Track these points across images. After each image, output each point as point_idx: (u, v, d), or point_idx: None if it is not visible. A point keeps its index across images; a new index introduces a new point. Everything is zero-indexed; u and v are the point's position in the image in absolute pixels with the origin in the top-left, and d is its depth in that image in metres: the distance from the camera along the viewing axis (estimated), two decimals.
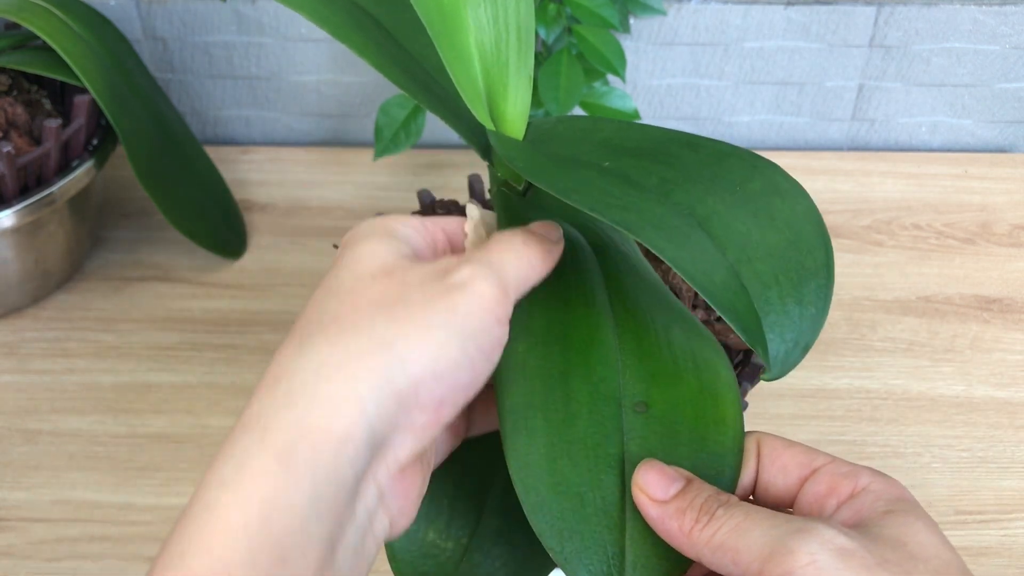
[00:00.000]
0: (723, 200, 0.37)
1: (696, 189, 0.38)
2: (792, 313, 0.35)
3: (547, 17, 0.72)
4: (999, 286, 0.76)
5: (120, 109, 0.70)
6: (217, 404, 0.68)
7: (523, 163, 0.38)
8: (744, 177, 0.38)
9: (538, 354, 0.37)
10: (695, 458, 0.36)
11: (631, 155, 0.39)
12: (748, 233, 0.36)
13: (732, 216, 0.37)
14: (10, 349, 0.72)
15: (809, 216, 0.37)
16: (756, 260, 0.36)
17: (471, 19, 0.40)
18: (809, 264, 0.36)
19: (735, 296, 0.34)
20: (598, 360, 0.37)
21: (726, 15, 0.82)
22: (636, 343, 0.38)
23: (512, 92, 0.41)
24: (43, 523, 0.62)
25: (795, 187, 0.38)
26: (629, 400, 0.37)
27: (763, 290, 0.35)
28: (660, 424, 0.36)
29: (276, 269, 0.77)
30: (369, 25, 0.43)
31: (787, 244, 0.36)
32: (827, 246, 0.37)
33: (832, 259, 0.37)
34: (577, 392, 0.36)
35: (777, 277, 0.36)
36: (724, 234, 0.36)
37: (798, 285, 0.36)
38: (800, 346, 0.35)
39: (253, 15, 0.83)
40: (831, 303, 0.36)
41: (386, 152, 0.76)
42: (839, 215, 0.82)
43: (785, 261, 0.36)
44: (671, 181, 0.38)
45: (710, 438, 0.36)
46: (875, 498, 0.34)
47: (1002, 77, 0.86)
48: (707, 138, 0.40)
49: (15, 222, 0.67)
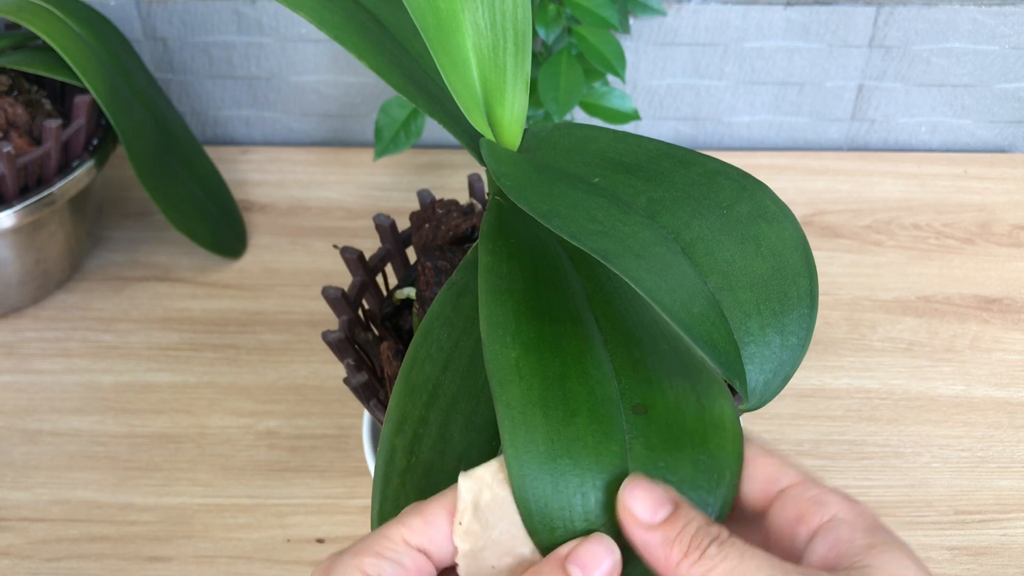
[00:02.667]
0: (709, 224, 0.37)
1: (683, 212, 0.37)
2: (773, 343, 0.34)
3: (547, 17, 0.72)
4: (999, 286, 0.76)
5: (120, 109, 0.70)
6: (217, 404, 0.68)
7: (511, 182, 0.37)
8: (732, 199, 0.38)
9: (532, 359, 0.36)
10: (697, 461, 0.35)
11: (624, 171, 0.39)
12: (732, 260, 0.36)
13: (717, 242, 0.36)
14: (10, 349, 0.72)
15: (795, 243, 0.37)
16: (739, 288, 0.35)
17: (469, 24, 0.40)
18: (793, 293, 0.36)
19: (713, 327, 0.34)
20: (593, 365, 0.37)
21: (726, 15, 0.82)
22: (627, 356, 0.38)
23: (509, 98, 0.41)
24: (43, 523, 0.62)
25: (783, 211, 0.38)
26: (628, 403, 0.36)
27: (744, 320, 0.34)
28: (660, 425, 0.36)
29: (276, 269, 0.77)
30: (370, 25, 0.43)
31: (772, 272, 0.36)
32: (812, 274, 0.36)
33: (816, 288, 0.36)
34: (575, 392, 0.36)
35: (759, 306, 0.35)
36: (707, 261, 0.36)
37: (780, 314, 0.35)
38: (780, 376, 0.34)
39: (253, 15, 0.83)
40: (833, 304, 0.35)
41: (386, 152, 0.76)
42: (839, 215, 0.82)
43: (768, 290, 0.35)
44: (659, 202, 0.37)
45: (711, 440, 0.36)
46: (851, 529, 0.33)
47: (1002, 77, 0.86)
48: (700, 154, 0.40)
49: (15, 222, 0.68)
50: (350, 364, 0.52)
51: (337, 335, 0.52)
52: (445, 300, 0.42)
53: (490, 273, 0.39)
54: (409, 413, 0.39)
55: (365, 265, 0.57)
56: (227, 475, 0.64)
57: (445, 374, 0.41)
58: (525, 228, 0.40)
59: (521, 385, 0.35)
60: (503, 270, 0.39)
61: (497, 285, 0.38)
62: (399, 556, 0.32)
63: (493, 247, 0.40)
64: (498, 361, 0.36)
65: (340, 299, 0.54)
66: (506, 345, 0.36)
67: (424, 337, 0.42)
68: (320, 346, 0.69)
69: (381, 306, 0.56)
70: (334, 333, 0.52)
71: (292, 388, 0.69)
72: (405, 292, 0.56)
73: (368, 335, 0.54)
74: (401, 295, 0.56)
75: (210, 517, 0.62)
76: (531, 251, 0.41)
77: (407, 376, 0.41)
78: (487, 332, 0.37)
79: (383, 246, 0.58)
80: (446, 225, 0.55)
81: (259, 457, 0.65)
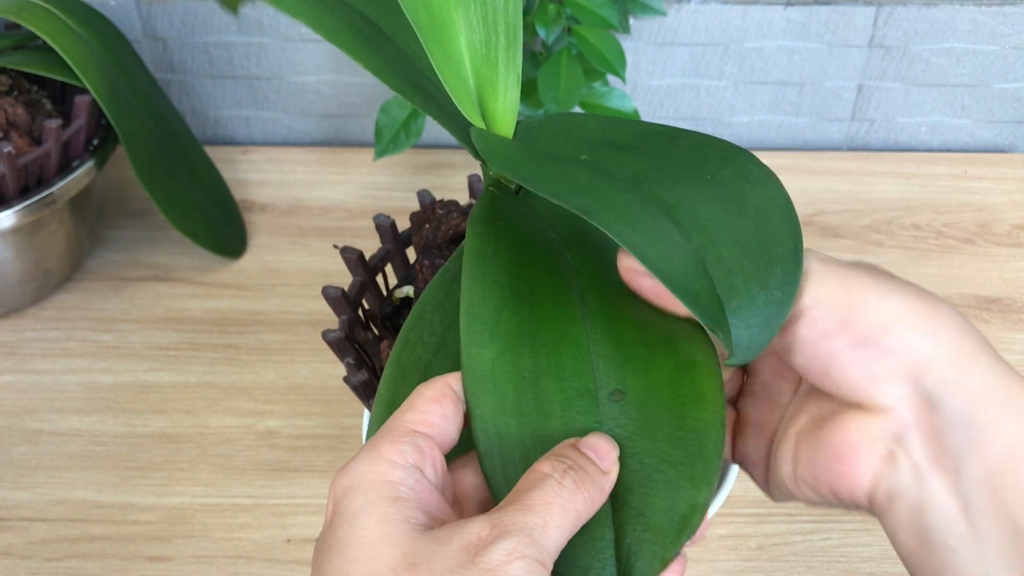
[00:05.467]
0: (692, 188, 0.37)
1: (666, 179, 0.38)
2: (757, 298, 0.35)
3: (547, 17, 0.72)
4: (999, 286, 0.76)
5: (120, 109, 0.70)
6: (217, 404, 0.68)
7: (497, 156, 0.38)
8: (716, 166, 0.38)
9: (507, 360, 0.37)
10: (675, 438, 0.36)
11: (613, 149, 0.40)
12: (715, 219, 0.36)
13: (700, 203, 0.37)
14: (10, 349, 0.72)
15: (779, 202, 0.37)
16: (721, 246, 0.35)
17: (461, 20, 0.40)
18: (777, 250, 0.36)
19: (696, 281, 0.34)
20: (569, 355, 0.37)
21: (726, 15, 0.82)
22: (608, 330, 0.38)
23: (501, 91, 0.41)
24: (43, 523, 0.62)
25: (766, 174, 0.38)
26: (605, 391, 0.37)
27: (727, 275, 0.35)
28: (637, 409, 0.36)
29: (276, 269, 0.78)
30: (365, 28, 0.43)
31: (755, 230, 0.36)
32: (796, 232, 0.36)
33: (801, 245, 0.36)
34: (549, 392, 0.37)
35: (742, 262, 0.35)
36: (690, 221, 0.36)
37: (763, 270, 0.35)
38: (765, 331, 0.34)
39: (253, 15, 0.83)
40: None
41: (386, 152, 0.76)
42: (839, 215, 0.82)
43: (751, 247, 0.36)
44: (644, 172, 0.38)
45: (690, 415, 0.36)
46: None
47: (1001, 77, 0.86)
48: (690, 131, 0.40)
49: (15, 222, 0.68)
50: (350, 363, 0.52)
51: (337, 334, 0.52)
52: (438, 286, 0.43)
53: (476, 256, 0.39)
54: (399, 393, 0.40)
55: (365, 265, 0.57)
56: (227, 475, 0.64)
57: (436, 356, 0.41)
58: (517, 212, 0.41)
59: (496, 395, 0.36)
60: (489, 252, 0.39)
61: (482, 269, 0.39)
62: (412, 438, 0.34)
63: (482, 229, 0.40)
64: (474, 367, 0.36)
65: (340, 299, 0.54)
66: (483, 346, 0.37)
67: (417, 321, 0.42)
68: (320, 346, 0.69)
69: (381, 306, 0.57)
70: (334, 332, 0.52)
71: (292, 388, 0.69)
72: (404, 291, 0.56)
73: (368, 334, 0.54)
74: (400, 294, 0.56)
75: (210, 517, 0.62)
76: (521, 232, 0.41)
77: (398, 358, 0.41)
78: (466, 328, 0.37)
79: (383, 246, 0.58)
80: (446, 225, 0.55)
81: (259, 457, 0.65)
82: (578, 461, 0.34)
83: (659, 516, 0.35)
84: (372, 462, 0.33)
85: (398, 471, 0.32)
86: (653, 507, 0.35)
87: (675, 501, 0.35)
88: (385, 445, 0.33)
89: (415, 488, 0.32)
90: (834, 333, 0.35)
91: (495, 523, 0.31)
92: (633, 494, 0.35)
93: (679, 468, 0.35)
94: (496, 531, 0.30)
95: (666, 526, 0.34)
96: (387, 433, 0.34)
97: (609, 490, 0.34)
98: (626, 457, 0.36)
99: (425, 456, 0.33)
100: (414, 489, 0.32)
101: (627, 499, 0.35)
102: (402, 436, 0.34)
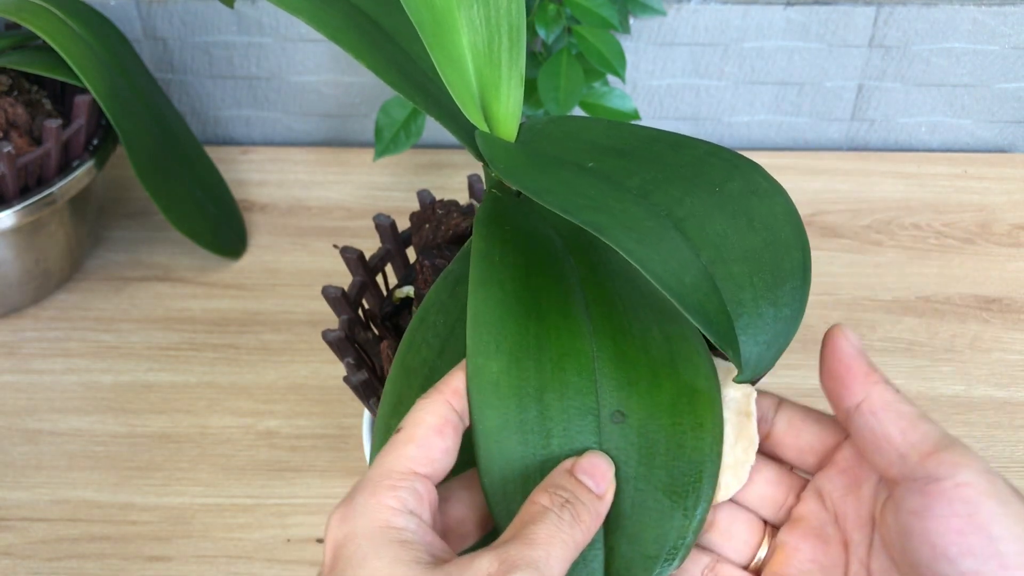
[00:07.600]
0: (702, 201, 0.37)
1: (675, 190, 0.37)
2: (766, 315, 0.35)
3: (547, 17, 0.72)
4: (998, 286, 0.76)
5: (120, 109, 0.70)
6: (217, 404, 0.68)
7: (503, 163, 0.38)
8: (724, 177, 0.38)
9: (513, 374, 0.37)
10: (672, 467, 0.36)
11: (616, 155, 0.39)
12: (724, 234, 0.36)
13: (709, 217, 0.36)
14: (10, 349, 0.72)
15: (787, 217, 0.37)
16: (731, 261, 0.35)
17: (464, 20, 0.40)
18: (786, 265, 0.36)
19: (706, 298, 0.34)
20: (573, 371, 0.37)
21: (726, 15, 0.82)
22: (612, 347, 0.38)
23: (504, 92, 0.41)
24: (43, 523, 0.62)
25: (774, 187, 0.38)
26: (607, 411, 0.37)
27: (737, 292, 0.35)
28: (636, 433, 0.36)
29: (276, 269, 0.78)
30: (367, 27, 0.43)
31: (764, 245, 0.36)
32: (804, 247, 0.36)
33: (809, 260, 0.36)
34: (551, 409, 0.36)
35: (752, 279, 0.35)
36: (699, 235, 0.36)
37: (773, 287, 0.35)
38: (774, 348, 0.34)
39: (253, 15, 0.83)
40: (833, 304, 0.36)
41: (386, 152, 0.76)
42: (839, 215, 0.82)
43: (761, 262, 0.36)
44: (652, 182, 0.38)
45: (688, 445, 0.36)
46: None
47: (1001, 77, 0.86)
48: (693, 139, 0.40)
49: (15, 222, 0.68)
50: (350, 363, 0.52)
51: (337, 334, 0.52)
52: (441, 288, 0.43)
53: (482, 259, 0.39)
54: (405, 395, 0.40)
55: (365, 265, 0.57)
56: (227, 475, 0.64)
57: (440, 358, 0.41)
58: (520, 216, 0.41)
59: (500, 409, 0.36)
60: (495, 256, 0.39)
61: (488, 274, 0.39)
62: (411, 482, 0.34)
63: (487, 233, 0.40)
64: (479, 378, 0.36)
65: (340, 299, 0.54)
66: (489, 356, 0.37)
67: (420, 323, 0.42)
68: (320, 346, 0.69)
69: (381, 306, 0.57)
70: (334, 332, 0.52)
71: (292, 388, 0.69)
72: (404, 291, 0.56)
73: (368, 334, 0.54)
74: (400, 294, 0.56)
75: (210, 517, 0.62)
76: (525, 237, 0.41)
77: (403, 359, 0.41)
78: (472, 336, 0.37)
79: (383, 246, 0.58)
80: (446, 225, 0.55)
81: (259, 457, 0.65)
82: (575, 492, 0.34)
83: (650, 544, 0.35)
84: (374, 509, 0.33)
85: (400, 518, 0.33)
86: (644, 535, 0.35)
87: (665, 530, 0.35)
88: (385, 492, 0.33)
89: (417, 532, 0.33)
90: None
91: (503, 559, 0.31)
92: (626, 519, 0.35)
93: (673, 498, 0.35)
94: (505, 566, 0.31)
95: (655, 553, 0.35)
96: (386, 476, 0.34)
97: (605, 513, 0.35)
98: (621, 481, 0.36)
99: (423, 501, 0.34)
100: (416, 532, 0.33)
101: (620, 523, 0.35)
102: (402, 480, 0.34)
